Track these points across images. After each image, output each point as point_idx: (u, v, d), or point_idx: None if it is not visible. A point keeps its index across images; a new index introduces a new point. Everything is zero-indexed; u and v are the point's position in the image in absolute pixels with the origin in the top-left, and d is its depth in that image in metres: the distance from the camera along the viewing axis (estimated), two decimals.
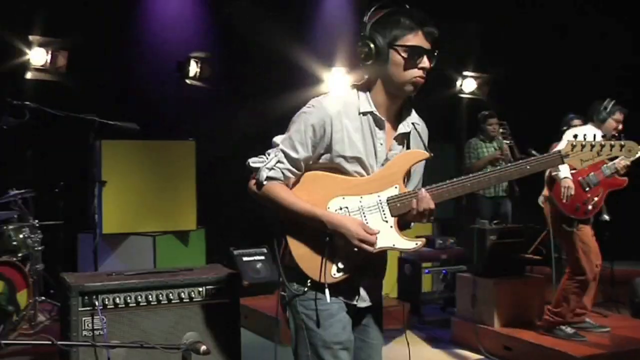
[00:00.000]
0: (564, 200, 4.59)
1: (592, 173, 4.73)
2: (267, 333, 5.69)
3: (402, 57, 2.23)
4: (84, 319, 2.63)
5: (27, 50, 6.05)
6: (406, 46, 2.22)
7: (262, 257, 6.63)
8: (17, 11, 5.91)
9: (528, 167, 2.27)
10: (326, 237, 2.24)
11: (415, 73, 2.24)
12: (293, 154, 2.28)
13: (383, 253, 2.36)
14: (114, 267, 6.02)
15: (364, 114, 2.29)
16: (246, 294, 6.36)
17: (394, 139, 2.35)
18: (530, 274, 5.47)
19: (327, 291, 2.22)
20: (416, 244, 2.29)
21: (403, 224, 2.33)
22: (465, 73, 8.37)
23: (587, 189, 4.71)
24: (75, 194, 5.72)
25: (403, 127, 2.35)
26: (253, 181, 2.34)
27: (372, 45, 2.22)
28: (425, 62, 2.24)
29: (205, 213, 7.02)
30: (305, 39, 7.47)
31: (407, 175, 2.38)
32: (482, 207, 6.83)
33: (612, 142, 2.21)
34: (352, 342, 2.34)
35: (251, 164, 2.34)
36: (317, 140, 2.27)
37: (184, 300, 2.82)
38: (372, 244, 2.22)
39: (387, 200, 2.28)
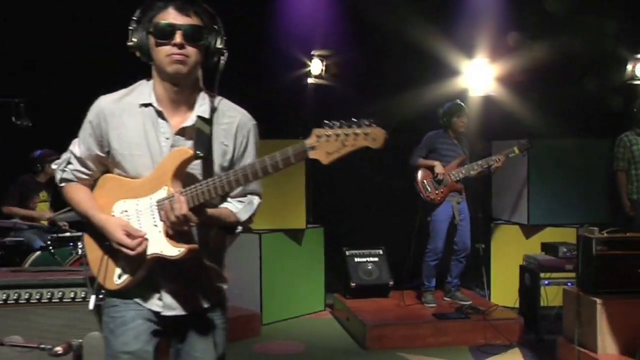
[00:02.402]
0: None
1: None
2: (358, 338, 5.49)
3: (154, 37, 2.07)
4: None
5: None
6: (153, 25, 2.06)
7: (376, 259, 6.43)
8: None
9: (273, 162, 1.95)
10: (106, 240, 2.12)
11: (167, 50, 2.04)
12: (77, 153, 2.21)
13: (194, 258, 2.12)
14: None
15: (145, 106, 2.13)
16: (355, 295, 6.22)
17: (176, 133, 2.13)
18: None
19: (92, 298, 2.08)
20: (179, 250, 2.03)
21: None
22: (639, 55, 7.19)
23: None
24: None
25: (188, 121, 2.13)
26: None
27: (133, 39, 2.10)
28: (176, 38, 2.03)
29: (327, 212, 7.00)
30: (444, 28, 7.01)
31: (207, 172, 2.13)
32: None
33: (357, 131, 1.85)
34: (150, 353, 2.15)
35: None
36: (97, 138, 2.16)
37: (76, 300, 2.80)
38: (131, 247, 2.05)
39: (157, 204, 2.08)
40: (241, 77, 6.70)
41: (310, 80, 7.03)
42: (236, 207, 2.21)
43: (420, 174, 5.96)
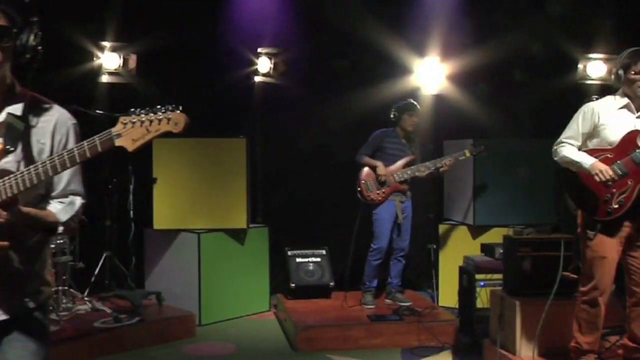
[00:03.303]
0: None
1: (619, 161, 3.71)
2: (291, 339, 5.42)
3: None
4: None
5: (100, 55, 6.46)
6: None
7: (318, 259, 6.36)
8: (90, 19, 6.33)
9: (81, 151, 1.91)
10: None
11: None
12: None
13: (3, 259, 2.06)
14: (163, 262, 6.20)
15: None
16: (296, 296, 6.15)
17: None
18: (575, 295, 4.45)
19: None
20: None
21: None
22: (591, 55, 7.11)
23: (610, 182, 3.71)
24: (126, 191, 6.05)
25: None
26: None
27: None
28: None
29: (275, 212, 6.94)
30: (395, 26, 6.92)
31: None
32: None
33: (159, 116, 1.86)
34: None
35: None
36: None
37: None
38: None
39: None
40: (186, 76, 6.66)
41: (257, 79, 6.94)
42: (56, 208, 2.16)
43: (363, 172, 5.91)
